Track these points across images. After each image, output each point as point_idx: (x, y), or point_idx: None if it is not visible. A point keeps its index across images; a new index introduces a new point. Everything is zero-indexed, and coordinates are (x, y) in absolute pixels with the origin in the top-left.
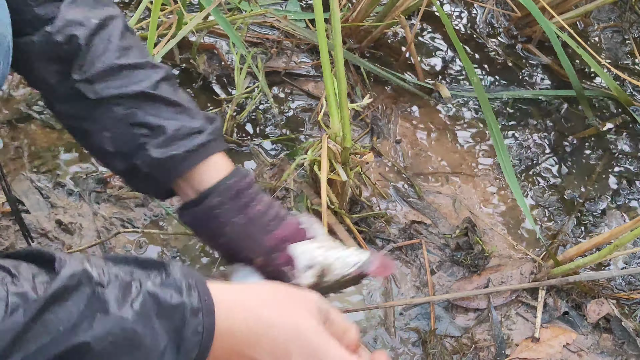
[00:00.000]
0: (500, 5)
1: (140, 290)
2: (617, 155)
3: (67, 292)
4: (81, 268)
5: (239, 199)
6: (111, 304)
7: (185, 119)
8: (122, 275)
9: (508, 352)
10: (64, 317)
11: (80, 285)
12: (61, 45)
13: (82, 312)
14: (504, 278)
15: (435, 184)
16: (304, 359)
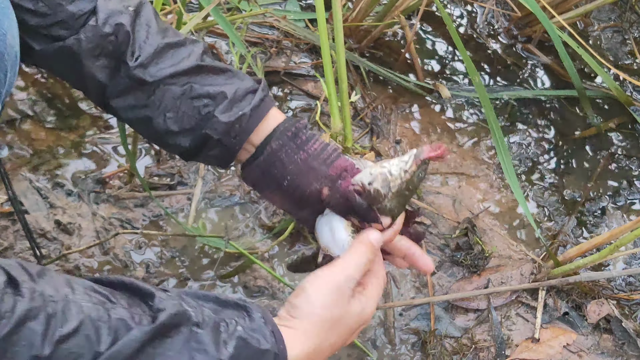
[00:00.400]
0: (500, 5)
1: (231, 333)
2: (617, 155)
3: (169, 330)
4: (181, 308)
5: (297, 138)
6: (209, 346)
7: (238, 82)
8: (212, 316)
9: (508, 352)
10: (167, 354)
11: (181, 325)
12: (109, 37)
13: (181, 351)
14: (504, 278)
15: (435, 184)
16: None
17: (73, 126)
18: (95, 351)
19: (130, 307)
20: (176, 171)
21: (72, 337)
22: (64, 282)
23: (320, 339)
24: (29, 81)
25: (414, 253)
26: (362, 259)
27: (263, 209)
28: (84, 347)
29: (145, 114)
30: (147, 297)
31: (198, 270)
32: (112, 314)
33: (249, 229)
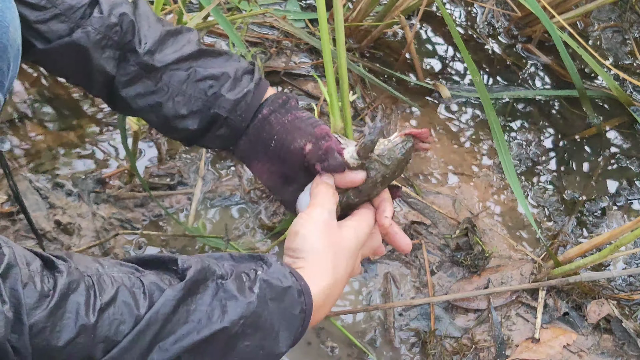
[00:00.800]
0: (500, 5)
1: (254, 279)
2: (617, 155)
3: (197, 286)
4: (205, 264)
5: (286, 104)
6: (236, 292)
7: (235, 63)
8: (233, 269)
9: (508, 352)
10: (200, 308)
11: (207, 280)
12: (115, 27)
13: (212, 303)
14: (504, 279)
15: (435, 184)
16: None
17: (73, 126)
18: (136, 315)
19: (158, 274)
20: (176, 171)
21: (112, 305)
22: (92, 260)
23: (331, 267)
24: (29, 81)
25: (395, 232)
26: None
27: (263, 209)
28: (124, 313)
29: (155, 100)
30: (170, 263)
31: None
32: (144, 280)
33: (249, 229)
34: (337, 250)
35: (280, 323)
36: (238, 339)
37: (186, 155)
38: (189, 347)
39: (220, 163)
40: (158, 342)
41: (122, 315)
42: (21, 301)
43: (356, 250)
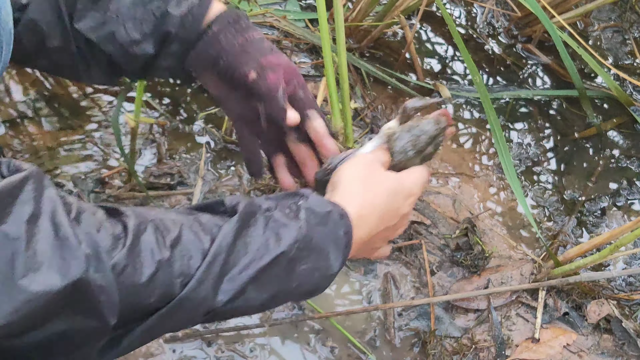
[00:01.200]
0: (500, 5)
1: (296, 208)
2: (617, 155)
3: (249, 219)
4: (250, 200)
5: (237, 24)
6: (285, 220)
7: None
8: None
9: (508, 352)
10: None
11: (256, 213)
12: None
13: (265, 232)
14: (504, 279)
15: (435, 184)
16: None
17: (73, 126)
18: (202, 249)
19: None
20: (176, 171)
21: (179, 242)
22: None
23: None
24: (29, 81)
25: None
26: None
27: None
28: (191, 249)
29: (108, 29)
30: (217, 205)
31: None
32: (200, 219)
33: None
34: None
35: (329, 244)
36: (295, 262)
37: (186, 155)
38: (254, 275)
39: (220, 163)
40: (226, 273)
41: (190, 250)
42: (98, 243)
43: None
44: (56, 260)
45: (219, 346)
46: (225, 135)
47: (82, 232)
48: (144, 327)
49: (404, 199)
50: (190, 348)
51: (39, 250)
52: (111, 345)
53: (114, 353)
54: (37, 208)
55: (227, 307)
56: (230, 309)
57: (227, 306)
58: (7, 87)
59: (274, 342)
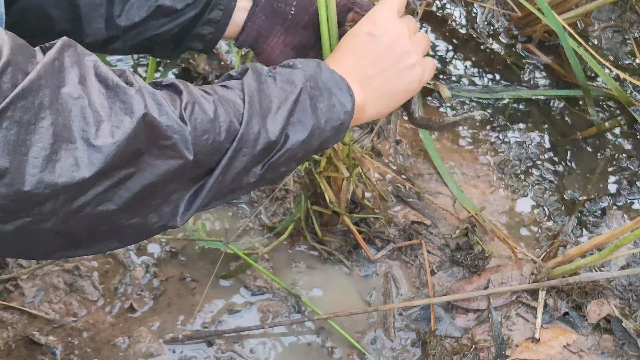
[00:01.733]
0: (500, 5)
1: (293, 63)
2: (617, 155)
3: (259, 77)
4: (253, 64)
5: None
6: (290, 69)
7: None
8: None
9: (508, 352)
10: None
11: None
12: None
13: (278, 83)
14: (504, 279)
15: (435, 185)
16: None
17: None
18: (238, 95)
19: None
20: None
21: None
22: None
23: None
24: None
25: None
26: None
27: (263, 209)
28: (229, 96)
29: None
30: (228, 77)
31: (198, 270)
32: (223, 83)
33: (249, 229)
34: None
35: (333, 85)
36: (315, 100)
37: None
38: (288, 114)
39: None
40: (266, 115)
41: (229, 97)
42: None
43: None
44: (118, 106)
45: (219, 347)
46: None
47: (132, 80)
48: (221, 167)
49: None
50: (190, 349)
51: (99, 105)
52: (196, 193)
53: (198, 201)
54: (81, 70)
55: (279, 149)
56: (281, 152)
57: (279, 146)
58: None
59: (273, 343)
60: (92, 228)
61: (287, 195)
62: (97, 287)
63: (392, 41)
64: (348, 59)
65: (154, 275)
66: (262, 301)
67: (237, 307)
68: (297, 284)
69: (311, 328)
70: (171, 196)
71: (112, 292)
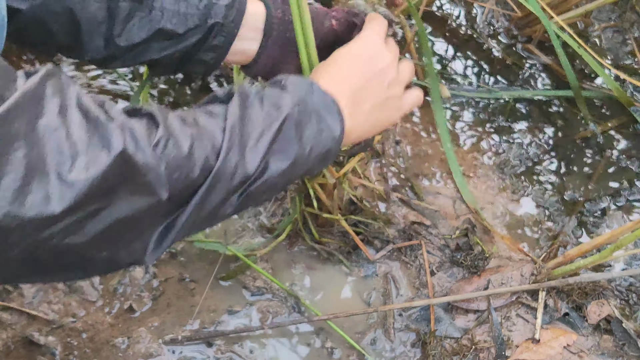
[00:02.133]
0: (500, 5)
1: (284, 83)
2: (617, 155)
3: (246, 101)
4: (240, 86)
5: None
6: (278, 92)
7: None
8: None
9: (508, 353)
10: (257, 113)
11: (249, 95)
12: None
13: (264, 107)
14: (504, 279)
15: (435, 185)
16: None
17: None
18: (219, 126)
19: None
20: None
21: (198, 122)
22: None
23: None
24: None
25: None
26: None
27: (262, 210)
28: (210, 127)
29: (154, 27)
30: (213, 99)
31: (197, 271)
32: (206, 108)
33: (249, 230)
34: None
35: (322, 109)
36: (301, 126)
37: None
38: (270, 143)
39: None
40: (245, 145)
41: (210, 128)
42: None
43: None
44: (96, 141)
45: (219, 347)
46: None
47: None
48: (194, 203)
49: (373, 49)
50: (189, 349)
51: (77, 138)
52: (167, 229)
53: (170, 238)
54: (63, 100)
55: (257, 178)
56: (260, 181)
57: (256, 177)
58: None
59: (273, 344)
60: (58, 258)
61: (286, 196)
62: (97, 287)
63: (383, 68)
64: (340, 78)
65: (153, 275)
66: (262, 302)
67: (237, 307)
68: (296, 285)
69: (311, 329)
70: (142, 232)
71: (111, 292)
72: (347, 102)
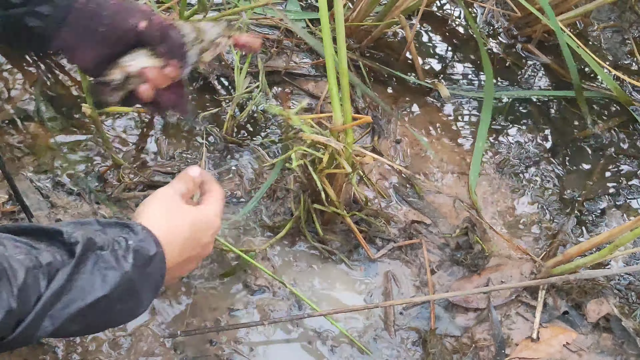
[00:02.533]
0: (500, 5)
1: (126, 248)
2: (617, 155)
3: (84, 259)
4: (88, 235)
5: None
6: (114, 263)
7: None
8: (106, 237)
9: (508, 351)
10: (84, 278)
11: (89, 251)
12: None
13: (93, 272)
14: (504, 278)
15: (435, 184)
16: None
17: (73, 126)
18: (39, 293)
19: (49, 247)
20: (177, 170)
21: (25, 285)
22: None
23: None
24: (30, 81)
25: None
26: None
27: (264, 209)
28: (32, 293)
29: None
30: (56, 234)
31: (199, 268)
32: (41, 260)
33: (250, 229)
34: (174, 216)
35: (147, 286)
36: (114, 303)
37: (187, 154)
38: (75, 313)
39: (221, 163)
40: (49, 311)
41: (31, 294)
42: None
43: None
44: None
45: (220, 345)
46: (225, 135)
47: None
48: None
49: (205, 230)
50: (191, 348)
51: None
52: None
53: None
54: None
55: (41, 335)
56: (45, 336)
57: (42, 335)
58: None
59: (274, 341)
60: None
61: (287, 194)
62: None
63: (208, 241)
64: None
65: None
66: (263, 300)
67: (238, 305)
68: (297, 283)
69: (312, 327)
70: None
71: None
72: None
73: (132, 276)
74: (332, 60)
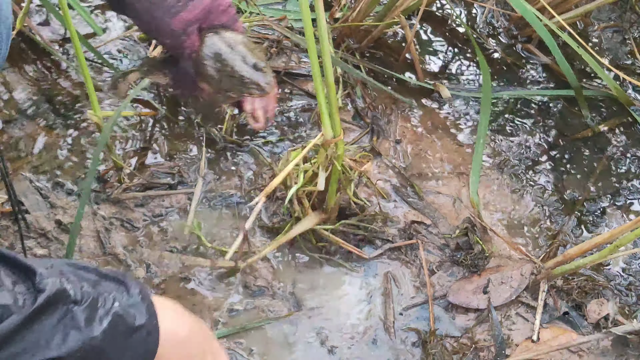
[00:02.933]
0: (500, 5)
1: (108, 309)
2: (617, 155)
3: (47, 309)
4: (60, 287)
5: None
6: (82, 323)
7: None
8: (90, 291)
9: (508, 352)
10: (42, 332)
11: (58, 303)
12: None
13: (56, 327)
14: (504, 278)
15: (435, 184)
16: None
17: (73, 126)
18: None
19: (15, 285)
20: (176, 171)
21: None
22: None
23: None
24: (29, 81)
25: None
26: None
27: (263, 209)
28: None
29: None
30: (30, 273)
31: (197, 270)
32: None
33: (250, 229)
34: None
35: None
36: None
37: (186, 155)
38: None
39: (221, 163)
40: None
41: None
42: None
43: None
44: None
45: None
46: (225, 135)
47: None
48: None
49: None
50: None
51: None
52: None
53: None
54: None
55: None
56: None
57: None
58: (6, 86)
59: (274, 341)
60: None
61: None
62: None
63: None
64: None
65: (154, 274)
66: (263, 300)
67: (238, 306)
68: (297, 284)
69: (311, 327)
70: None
71: None
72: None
73: (101, 344)
74: (319, 72)
